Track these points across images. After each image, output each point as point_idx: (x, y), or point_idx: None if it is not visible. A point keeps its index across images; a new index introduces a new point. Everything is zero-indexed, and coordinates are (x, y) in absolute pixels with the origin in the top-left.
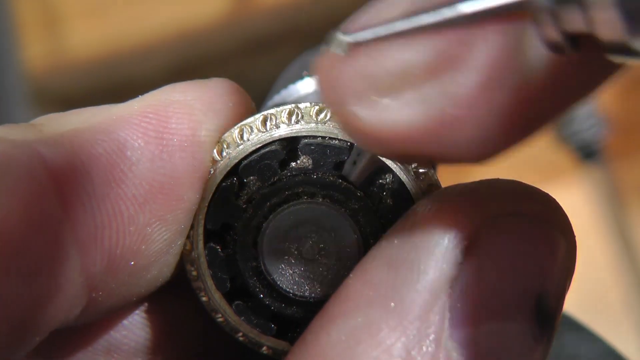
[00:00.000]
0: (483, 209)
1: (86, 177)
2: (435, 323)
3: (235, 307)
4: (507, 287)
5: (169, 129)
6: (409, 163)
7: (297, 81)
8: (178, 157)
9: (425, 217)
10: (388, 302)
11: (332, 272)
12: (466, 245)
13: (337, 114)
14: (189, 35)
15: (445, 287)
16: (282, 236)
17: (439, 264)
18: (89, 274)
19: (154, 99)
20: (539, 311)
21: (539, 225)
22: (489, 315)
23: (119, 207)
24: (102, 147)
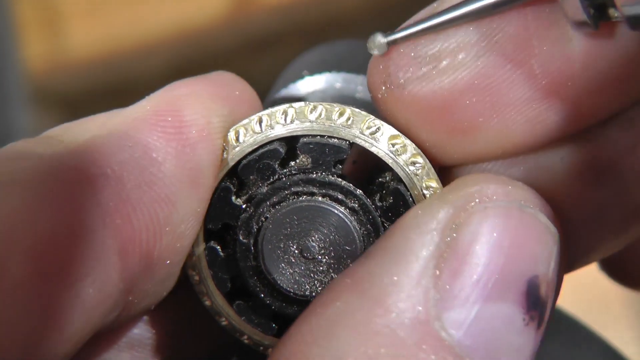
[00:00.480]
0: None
1: (118, 184)
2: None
3: (236, 307)
4: (497, 269)
5: (185, 122)
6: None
7: (298, 80)
8: (200, 148)
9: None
10: (365, 286)
11: (332, 271)
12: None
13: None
14: (190, 35)
15: (429, 267)
16: (282, 235)
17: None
18: (128, 278)
19: (163, 96)
20: (529, 295)
21: (520, 209)
22: (478, 297)
23: (154, 209)
24: (127, 152)
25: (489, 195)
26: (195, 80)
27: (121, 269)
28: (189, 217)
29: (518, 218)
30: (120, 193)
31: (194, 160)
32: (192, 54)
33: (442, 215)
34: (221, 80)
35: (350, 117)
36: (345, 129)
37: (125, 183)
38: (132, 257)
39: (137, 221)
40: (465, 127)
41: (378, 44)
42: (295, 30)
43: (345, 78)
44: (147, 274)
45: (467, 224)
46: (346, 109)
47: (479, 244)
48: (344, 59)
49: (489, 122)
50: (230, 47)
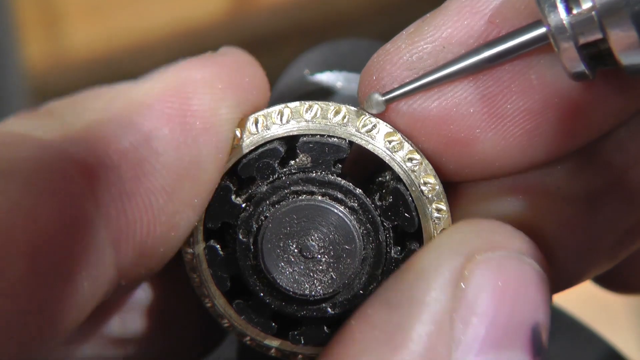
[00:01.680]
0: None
1: (116, 173)
2: (442, 354)
3: (236, 305)
4: (505, 318)
5: (192, 111)
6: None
7: (299, 79)
8: (202, 140)
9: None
10: (395, 339)
11: (331, 270)
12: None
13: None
14: (190, 34)
15: (447, 319)
16: (281, 234)
17: (438, 296)
18: (121, 266)
19: (173, 78)
20: (534, 341)
21: (519, 259)
22: (490, 346)
23: (150, 200)
24: (128, 140)
25: (493, 246)
26: (208, 63)
27: (115, 259)
28: (185, 208)
29: (519, 268)
30: (116, 184)
31: (194, 153)
32: (193, 53)
33: (452, 265)
34: (235, 64)
35: (346, 116)
36: (342, 127)
37: (123, 173)
38: (126, 247)
39: (131, 212)
40: (462, 138)
41: (375, 103)
42: (296, 29)
43: (346, 77)
44: (141, 261)
45: (475, 274)
46: (342, 108)
47: (487, 293)
48: (345, 58)
49: (486, 134)
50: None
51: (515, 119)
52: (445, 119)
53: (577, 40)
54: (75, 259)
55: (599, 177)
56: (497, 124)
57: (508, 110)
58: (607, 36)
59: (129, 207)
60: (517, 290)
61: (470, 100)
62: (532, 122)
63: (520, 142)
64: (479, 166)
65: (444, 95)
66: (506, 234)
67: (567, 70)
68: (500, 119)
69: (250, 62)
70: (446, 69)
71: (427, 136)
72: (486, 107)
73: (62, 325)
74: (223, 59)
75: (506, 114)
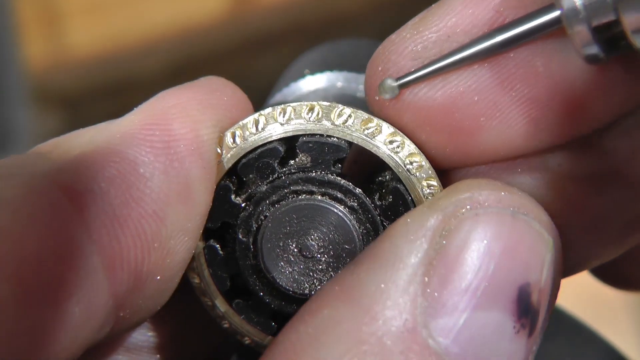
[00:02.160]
0: (464, 201)
1: (105, 200)
2: (408, 311)
3: (236, 305)
4: (486, 276)
5: (173, 135)
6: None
7: (299, 79)
8: (189, 162)
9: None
10: (353, 294)
11: (331, 270)
12: (445, 233)
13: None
14: (190, 33)
15: (418, 274)
16: (281, 234)
17: (415, 251)
18: (117, 295)
19: (151, 108)
20: (519, 302)
21: (511, 215)
22: (467, 305)
23: (142, 225)
24: (115, 168)
25: (481, 202)
26: (184, 90)
27: (109, 286)
28: (178, 232)
29: (510, 225)
30: (107, 210)
31: (182, 175)
32: (193, 53)
33: (431, 222)
34: (209, 87)
35: (348, 117)
36: (344, 128)
37: (112, 200)
38: (120, 274)
39: (124, 238)
40: (466, 127)
41: (389, 88)
42: (297, 29)
43: (346, 77)
44: (137, 290)
45: (457, 230)
46: (344, 109)
47: (469, 251)
48: (346, 58)
49: (491, 122)
50: (231, 46)
51: (521, 107)
52: (450, 107)
53: (591, 22)
54: (66, 283)
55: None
56: (502, 112)
57: (513, 98)
58: (620, 18)
59: (121, 233)
60: (506, 248)
61: (475, 88)
62: (538, 111)
63: (526, 130)
64: (483, 154)
65: (448, 84)
66: (500, 190)
67: (580, 52)
68: (506, 107)
69: (226, 83)
70: (458, 54)
71: (432, 126)
72: (491, 96)
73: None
74: (197, 84)
75: (511, 103)
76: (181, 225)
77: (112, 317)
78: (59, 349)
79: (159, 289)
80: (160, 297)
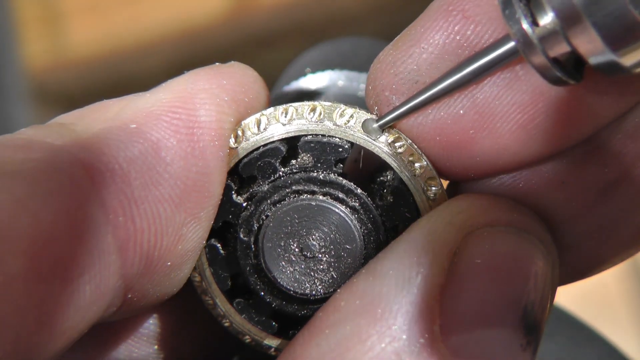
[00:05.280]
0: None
1: (125, 181)
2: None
3: (236, 304)
4: (494, 295)
5: (199, 122)
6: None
7: (300, 78)
8: (209, 152)
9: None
10: (375, 310)
11: (332, 269)
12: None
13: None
14: (191, 33)
15: (433, 293)
16: (282, 234)
17: (426, 269)
18: (127, 276)
19: (180, 88)
20: (526, 320)
21: (517, 234)
22: (478, 323)
23: (157, 209)
24: (137, 148)
25: (489, 221)
26: (215, 75)
27: (120, 267)
28: (192, 220)
29: (515, 244)
30: (125, 190)
31: (201, 165)
32: (194, 52)
33: (445, 239)
34: (240, 79)
35: (350, 117)
36: (346, 128)
37: (132, 181)
38: (132, 256)
39: (139, 220)
40: (458, 141)
41: (372, 130)
42: (298, 28)
43: (347, 76)
44: (147, 273)
45: (467, 249)
46: (346, 109)
47: (478, 270)
48: (347, 56)
49: (481, 133)
50: (232, 45)
51: (506, 114)
52: (439, 124)
53: (547, 52)
54: (78, 261)
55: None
56: (488, 121)
57: (497, 106)
58: (574, 47)
59: (137, 214)
60: (511, 267)
61: (458, 102)
62: (525, 115)
63: (518, 136)
64: (483, 166)
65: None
66: (505, 208)
67: (546, 80)
68: (491, 116)
69: (257, 79)
70: (425, 93)
71: (426, 142)
72: (475, 107)
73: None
74: (230, 71)
75: (496, 111)
76: (195, 213)
77: (120, 298)
78: (67, 325)
79: (168, 276)
80: (169, 285)
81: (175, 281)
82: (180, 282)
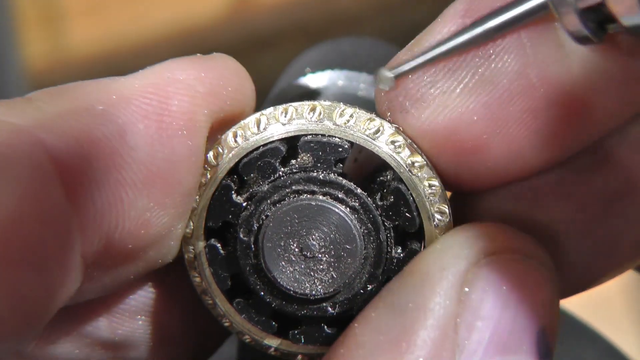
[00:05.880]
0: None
1: (87, 163)
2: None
3: (236, 304)
4: (510, 322)
5: (169, 111)
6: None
7: (300, 77)
8: (177, 141)
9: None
10: (400, 344)
11: (332, 269)
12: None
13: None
14: (191, 33)
15: (451, 324)
16: (282, 234)
17: (443, 301)
18: (86, 255)
19: (155, 76)
20: (539, 345)
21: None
22: (496, 350)
23: (119, 193)
24: (101, 131)
25: (495, 250)
26: (193, 66)
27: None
28: (155, 206)
29: (524, 271)
30: (86, 172)
31: (167, 152)
32: (194, 52)
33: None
34: (220, 71)
35: (350, 116)
36: (345, 128)
37: (93, 163)
38: (92, 235)
39: (99, 201)
40: (471, 146)
41: (384, 79)
42: (298, 27)
43: (347, 76)
44: (107, 254)
45: (479, 278)
46: (346, 108)
47: (491, 297)
48: (347, 56)
49: (494, 139)
50: (232, 45)
51: (520, 120)
52: (452, 129)
53: (577, 5)
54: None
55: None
56: (502, 127)
57: (511, 112)
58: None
59: (97, 196)
60: (522, 293)
61: (472, 108)
62: (538, 122)
63: (530, 143)
64: (493, 173)
65: (447, 107)
66: (510, 236)
67: (570, 35)
68: (505, 122)
69: (238, 71)
70: (450, 43)
71: (439, 148)
72: (490, 113)
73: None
74: (210, 63)
75: (509, 117)
76: (159, 199)
77: (80, 277)
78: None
79: (130, 257)
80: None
81: (139, 263)
82: (147, 265)
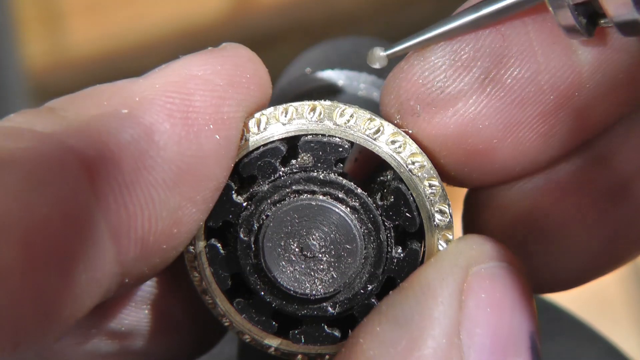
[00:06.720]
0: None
1: (116, 166)
2: None
3: (236, 304)
4: (506, 327)
5: (193, 107)
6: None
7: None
8: (204, 136)
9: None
10: (411, 354)
11: (332, 269)
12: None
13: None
14: (191, 33)
15: (456, 331)
16: (282, 233)
17: (446, 309)
18: (123, 262)
19: (174, 74)
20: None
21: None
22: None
23: (150, 193)
24: (129, 133)
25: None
26: (209, 59)
27: (116, 254)
28: (187, 203)
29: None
30: (116, 177)
31: (195, 148)
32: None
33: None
34: (235, 60)
35: (350, 116)
36: (346, 128)
37: (123, 166)
38: (127, 242)
39: (132, 205)
40: (481, 149)
41: (378, 58)
42: (298, 27)
43: (348, 75)
44: (143, 258)
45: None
46: (346, 108)
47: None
48: (347, 56)
49: (504, 142)
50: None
51: (530, 125)
52: (463, 134)
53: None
54: (73, 252)
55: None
56: (512, 132)
57: (522, 117)
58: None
59: (129, 199)
60: (514, 299)
61: (485, 113)
62: (546, 125)
63: (537, 144)
64: (500, 172)
65: (458, 112)
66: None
67: (560, 27)
68: (515, 127)
69: (251, 58)
70: (445, 26)
71: (449, 150)
72: (501, 119)
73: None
74: (223, 54)
75: (520, 122)
76: (190, 196)
77: (117, 284)
78: (64, 315)
79: (164, 257)
80: (163, 264)
81: (170, 259)
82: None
